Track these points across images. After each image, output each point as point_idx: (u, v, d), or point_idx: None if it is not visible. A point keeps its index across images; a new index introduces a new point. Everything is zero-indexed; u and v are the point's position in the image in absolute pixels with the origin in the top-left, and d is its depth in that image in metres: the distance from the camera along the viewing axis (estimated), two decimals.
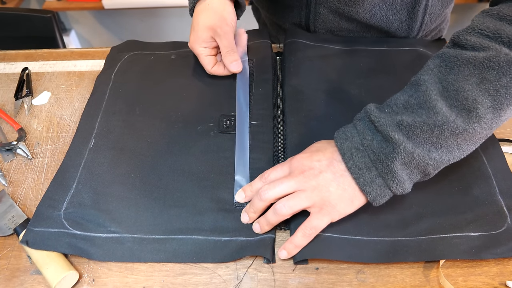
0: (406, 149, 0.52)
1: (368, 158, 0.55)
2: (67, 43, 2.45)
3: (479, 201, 0.60)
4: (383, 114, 0.55)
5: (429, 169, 0.54)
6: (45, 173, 0.68)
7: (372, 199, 0.55)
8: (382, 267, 0.55)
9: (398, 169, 0.53)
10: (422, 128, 0.52)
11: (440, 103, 0.52)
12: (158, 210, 0.60)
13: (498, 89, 0.51)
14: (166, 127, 0.72)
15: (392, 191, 0.54)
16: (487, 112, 0.51)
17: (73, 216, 0.60)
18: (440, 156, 0.53)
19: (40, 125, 0.76)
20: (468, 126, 0.51)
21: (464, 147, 0.54)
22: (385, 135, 0.54)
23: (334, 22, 0.88)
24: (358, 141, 0.56)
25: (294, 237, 0.56)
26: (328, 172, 0.56)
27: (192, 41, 0.77)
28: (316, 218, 0.55)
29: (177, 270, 0.56)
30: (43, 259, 0.55)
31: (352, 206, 0.56)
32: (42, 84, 0.85)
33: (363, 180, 0.54)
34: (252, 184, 0.61)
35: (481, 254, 0.54)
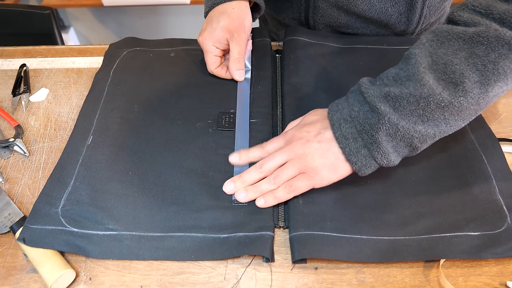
0: (390, 120, 0.54)
1: (354, 128, 0.57)
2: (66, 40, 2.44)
3: (479, 201, 0.60)
4: (373, 86, 0.57)
5: (415, 142, 0.55)
6: (42, 170, 0.67)
7: (358, 169, 0.57)
8: (382, 267, 0.55)
9: (382, 140, 0.55)
10: (408, 99, 0.53)
11: (427, 76, 0.53)
12: (157, 208, 0.60)
13: (486, 64, 0.51)
14: (165, 124, 0.71)
15: (377, 162, 0.56)
16: (474, 87, 0.52)
17: (70, 213, 0.59)
18: (426, 129, 0.54)
19: (37, 122, 0.76)
20: (454, 100, 0.52)
21: (452, 122, 0.55)
22: (372, 106, 0.55)
23: (333, 16, 0.88)
24: (347, 112, 0.58)
25: (276, 190, 0.60)
26: (315, 142, 0.60)
27: (205, 37, 0.76)
28: (299, 179, 0.59)
29: (175, 269, 0.55)
30: (39, 257, 0.54)
31: (336, 174, 0.59)
32: (40, 81, 0.85)
33: (349, 150, 0.57)
34: (249, 151, 0.64)
35: (481, 253, 0.54)
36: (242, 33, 0.76)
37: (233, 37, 0.76)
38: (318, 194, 0.60)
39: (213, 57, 0.77)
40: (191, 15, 2.46)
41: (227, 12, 0.76)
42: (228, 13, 0.76)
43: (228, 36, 0.76)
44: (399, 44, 0.86)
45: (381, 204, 0.60)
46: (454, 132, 0.67)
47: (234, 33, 0.76)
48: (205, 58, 0.78)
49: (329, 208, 0.59)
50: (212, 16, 0.77)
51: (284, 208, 0.61)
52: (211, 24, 0.76)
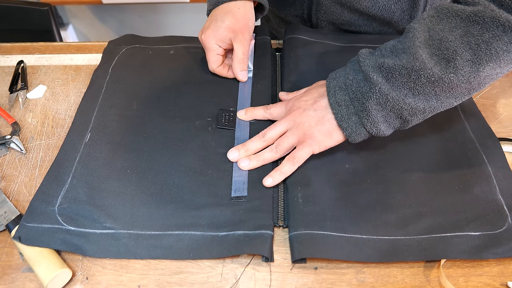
0: (381, 90, 0.56)
1: (347, 96, 0.60)
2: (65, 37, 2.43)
3: (480, 200, 0.59)
4: (371, 56, 0.59)
5: (404, 114, 0.57)
6: (39, 168, 0.67)
7: (348, 135, 0.60)
8: (382, 267, 0.54)
9: (372, 108, 0.57)
10: (400, 71, 0.55)
11: (421, 50, 0.54)
12: (155, 206, 0.59)
13: (479, 43, 0.52)
14: (164, 121, 0.70)
15: (367, 129, 0.59)
16: (465, 65, 0.53)
17: (67, 211, 0.58)
18: (416, 102, 0.56)
19: (34, 119, 0.75)
20: (444, 75, 0.53)
21: (443, 99, 0.57)
22: (365, 75, 0.58)
23: (336, 13, 0.87)
24: (342, 80, 0.61)
25: (281, 166, 0.62)
26: (311, 110, 0.63)
27: (208, 35, 0.75)
28: (299, 149, 0.62)
29: (173, 268, 0.55)
30: (35, 256, 0.54)
31: (331, 140, 0.62)
32: (38, 78, 0.84)
33: (340, 116, 0.60)
34: (255, 109, 0.71)
35: (482, 253, 0.53)
36: (246, 34, 0.76)
37: (237, 37, 0.75)
38: (318, 193, 0.60)
39: (215, 55, 0.76)
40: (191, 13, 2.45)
41: (232, 11, 0.75)
42: (233, 12, 0.75)
43: (232, 36, 0.75)
44: None
45: (382, 203, 0.59)
46: (455, 132, 0.67)
47: (239, 33, 0.75)
48: (206, 56, 0.77)
49: (329, 207, 0.58)
50: (217, 15, 0.76)
51: (283, 207, 0.60)
52: (215, 23, 0.75)
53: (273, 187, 0.62)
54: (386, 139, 0.67)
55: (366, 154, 0.65)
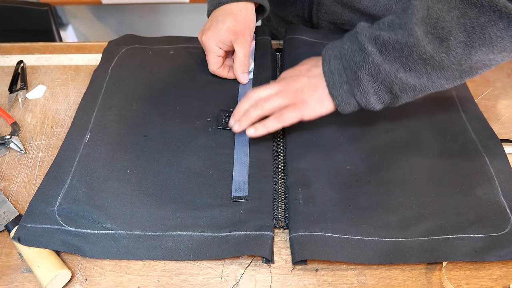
0: (374, 61, 0.57)
1: (341, 64, 0.60)
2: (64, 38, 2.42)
3: (482, 202, 0.59)
4: (369, 28, 0.59)
5: (395, 89, 0.58)
6: (39, 168, 0.66)
7: (338, 103, 0.61)
8: (383, 269, 0.54)
9: (364, 78, 0.58)
10: (394, 45, 0.56)
11: (417, 27, 0.54)
12: (155, 207, 0.59)
13: (474, 26, 0.52)
14: (164, 122, 0.70)
15: (356, 100, 0.60)
16: (458, 46, 0.53)
17: (67, 212, 0.58)
18: (407, 78, 0.57)
19: (34, 119, 0.75)
20: (436, 54, 0.54)
21: (434, 78, 0.57)
22: (361, 45, 0.58)
23: (337, 13, 0.87)
24: (338, 50, 0.61)
25: (266, 120, 0.63)
26: (305, 77, 0.64)
27: (208, 36, 0.75)
28: (289, 110, 0.63)
29: (172, 269, 0.54)
30: (34, 257, 0.53)
31: (323, 108, 0.63)
32: (37, 78, 0.83)
33: (332, 83, 0.61)
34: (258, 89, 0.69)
35: (484, 256, 0.53)
36: (247, 36, 0.76)
37: (239, 40, 0.75)
38: (319, 194, 0.60)
39: (216, 57, 0.76)
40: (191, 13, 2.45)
41: (234, 13, 0.74)
42: (234, 14, 0.74)
43: (233, 38, 0.75)
44: None
45: (383, 205, 0.59)
46: (456, 133, 0.67)
47: (240, 35, 0.75)
48: (207, 58, 0.77)
49: (330, 208, 0.58)
50: (217, 16, 0.75)
51: (284, 208, 0.60)
52: (216, 24, 0.75)
53: (274, 187, 0.62)
54: (387, 141, 0.67)
55: (367, 155, 0.65)
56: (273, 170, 0.64)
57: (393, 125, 0.69)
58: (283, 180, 0.63)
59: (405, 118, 0.70)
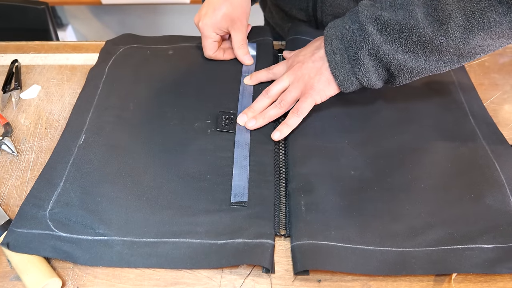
0: (374, 41, 0.58)
1: (342, 44, 0.61)
2: (64, 38, 2.41)
3: (492, 211, 0.56)
4: (370, 8, 0.60)
5: (392, 68, 0.59)
6: (31, 171, 0.64)
7: (340, 83, 0.62)
8: (390, 280, 0.52)
9: (364, 58, 0.59)
10: (394, 26, 0.56)
11: (418, 9, 0.55)
12: (150, 212, 0.57)
13: (474, 10, 0.52)
14: (161, 124, 0.68)
15: (358, 79, 0.61)
16: (457, 30, 0.53)
17: (59, 216, 0.56)
18: (405, 59, 0.58)
19: (27, 120, 0.72)
20: (434, 37, 0.55)
21: (431, 61, 0.58)
22: (361, 25, 0.59)
23: (341, 6, 0.85)
24: (339, 29, 0.62)
25: (287, 119, 0.65)
26: (309, 61, 0.65)
27: (206, 23, 0.76)
28: (301, 101, 0.65)
29: (168, 279, 0.52)
30: (23, 264, 0.51)
31: (331, 89, 0.64)
32: (32, 77, 0.81)
33: (334, 64, 0.62)
34: (258, 73, 0.74)
35: (496, 268, 0.50)
36: (244, 20, 0.78)
37: (235, 25, 0.77)
38: (322, 201, 0.57)
39: (212, 42, 0.78)
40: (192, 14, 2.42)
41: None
42: (232, 1, 0.75)
43: (230, 24, 0.76)
44: None
45: (389, 212, 0.56)
46: (465, 138, 0.65)
47: (237, 21, 0.76)
48: (203, 43, 0.78)
49: (334, 216, 0.56)
50: (214, 1, 0.76)
51: (285, 215, 0.58)
52: (213, 10, 0.75)
53: (275, 193, 0.59)
54: (393, 145, 0.64)
55: (372, 160, 0.63)
56: (274, 174, 0.61)
57: (399, 129, 0.67)
58: (285, 186, 0.61)
59: (411, 122, 0.68)
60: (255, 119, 0.66)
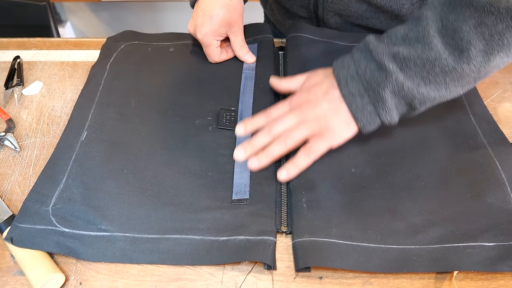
0: (397, 79, 0.56)
1: (361, 85, 0.58)
2: (63, 34, 2.41)
3: (493, 209, 0.57)
4: (381, 44, 0.58)
5: (415, 103, 0.57)
6: (33, 166, 0.64)
7: (362, 125, 0.59)
8: (391, 277, 0.52)
9: (388, 97, 0.56)
10: (415, 61, 0.55)
11: (436, 40, 0.54)
12: (152, 208, 0.57)
13: (493, 34, 0.52)
14: (163, 120, 0.68)
15: (381, 119, 0.58)
16: (478, 55, 0.53)
17: (61, 212, 0.56)
18: (428, 92, 0.56)
19: (30, 116, 0.73)
20: (458, 65, 0.54)
21: (452, 88, 0.57)
22: (379, 64, 0.57)
23: (343, 3, 0.85)
24: (353, 69, 0.59)
25: (295, 158, 0.60)
26: (324, 102, 0.61)
27: (205, 33, 0.75)
28: (316, 141, 0.60)
29: (170, 275, 0.52)
30: (27, 259, 0.51)
31: (348, 131, 0.61)
32: (34, 74, 0.81)
33: (355, 106, 0.58)
34: (254, 119, 0.65)
35: (497, 266, 0.51)
36: (240, 22, 0.77)
37: (233, 29, 0.77)
38: (324, 198, 0.57)
39: (215, 49, 0.77)
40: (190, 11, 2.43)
41: (224, 3, 0.74)
42: (225, 5, 0.74)
43: (228, 29, 0.76)
44: None
45: (390, 210, 0.57)
46: (465, 136, 0.65)
47: (234, 25, 0.76)
48: (206, 52, 0.78)
49: (335, 213, 0.56)
50: (208, 8, 0.75)
51: (287, 212, 0.58)
52: (209, 18, 0.74)
53: (276, 190, 0.60)
54: (394, 143, 0.65)
55: (373, 158, 0.63)
56: (275, 172, 0.61)
57: (400, 127, 0.67)
58: (286, 183, 0.61)
59: (412, 120, 0.68)
60: (257, 157, 0.61)
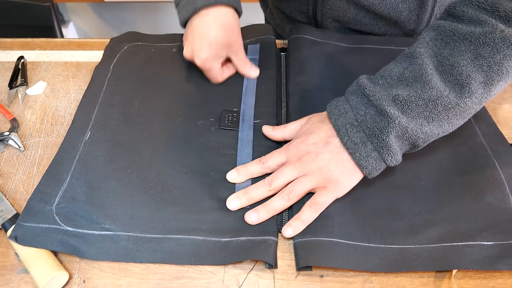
0: (401, 123, 0.53)
1: (363, 133, 0.55)
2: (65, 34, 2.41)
3: (492, 209, 0.57)
4: (378, 87, 0.56)
5: (419, 142, 0.55)
6: (37, 166, 0.65)
7: (368, 172, 0.56)
8: (391, 276, 0.52)
9: (392, 142, 0.54)
10: (417, 102, 0.53)
11: (435, 78, 0.53)
12: (155, 208, 0.58)
13: (491, 65, 0.51)
14: (165, 121, 0.69)
15: (386, 163, 0.56)
16: (479, 88, 0.52)
17: (65, 211, 0.57)
18: (431, 129, 0.55)
19: (34, 116, 0.73)
20: (460, 101, 0.53)
21: (454, 121, 0.55)
22: (379, 109, 0.54)
23: (342, 10, 0.86)
24: (352, 117, 0.56)
25: (301, 214, 0.56)
26: (325, 153, 0.58)
27: (206, 58, 0.71)
28: (321, 195, 0.57)
29: (173, 273, 0.53)
30: (31, 257, 0.52)
31: (354, 180, 0.58)
32: (38, 74, 0.82)
33: (359, 155, 0.55)
34: (248, 166, 0.61)
35: (496, 264, 0.51)
36: (240, 40, 0.75)
37: (234, 50, 0.74)
38: None
39: (218, 70, 0.74)
40: None
41: (220, 23, 0.71)
42: (222, 25, 0.71)
43: (228, 50, 0.74)
44: (407, 45, 0.82)
45: (390, 210, 0.57)
46: (465, 137, 0.66)
47: (234, 45, 0.74)
48: (209, 75, 0.75)
49: (336, 213, 0.57)
50: (203, 30, 0.71)
51: (288, 213, 0.58)
52: (208, 44, 0.71)
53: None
54: None
55: None
56: None
57: None
58: None
59: None
60: (256, 212, 0.56)
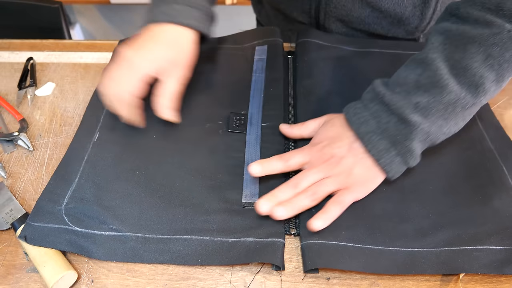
0: (423, 129, 0.56)
1: (387, 140, 0.57)
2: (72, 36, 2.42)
3: (500, 213, 0.57)
4: (396, 96, 0.57)
5: (438, 141, 0.58)
6: (46, 166, 0.65)
7: (391, 176, 0.58)
8: (397, 279, 0.53)
9: (416, 147, 0.56)
10: (437, 107, 0.55)
11: (452, 81, 0.54)
12: (163, 209, 0.58)
13: (501, 63, 0.53)
14: (173, 123, 0.69)
15: (408, 165, 0.58)
16: (492, 85, 0.54)
17: (74, 211, 0.57)
18: (449, 129, 0.57)
19: (43, 116, 0.74)
20: (477, 100, 0.55)
21: (467, 118, 0.58)
22: (401, 118, 0.56)
23: (346, 8, 0.85)
24: (374, 125, 0.58)
25: (328, 209, 0.56)
26: (350, 157, 0.59)
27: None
28: (345, 194, 0.58)
29: (180, 274, 0.53)
30: (40, 256, 0.52)
31: (376, 182, 0.60)
32: (47, 75, 0.83)
33: (383, 161, 0.57)
34: (270, 162, 0.61)
35: (504, 269, 0.51)
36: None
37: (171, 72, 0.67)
38: None
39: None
40: None
41: (170, 45, 0.67)
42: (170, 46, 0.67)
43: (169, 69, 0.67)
44: (414, 49, 0.83)
45: (398, 213, 0.57)
46: (473, 142, 0.66)
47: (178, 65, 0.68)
48: None
49: (344, 216, 0.57)
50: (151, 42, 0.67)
51: (296, 215, 0.58)
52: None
53: None
54: None
55: None
56: (284, 175, 0.62)
57: None
58: None
59: None
60: (283, 207, 0.56)
